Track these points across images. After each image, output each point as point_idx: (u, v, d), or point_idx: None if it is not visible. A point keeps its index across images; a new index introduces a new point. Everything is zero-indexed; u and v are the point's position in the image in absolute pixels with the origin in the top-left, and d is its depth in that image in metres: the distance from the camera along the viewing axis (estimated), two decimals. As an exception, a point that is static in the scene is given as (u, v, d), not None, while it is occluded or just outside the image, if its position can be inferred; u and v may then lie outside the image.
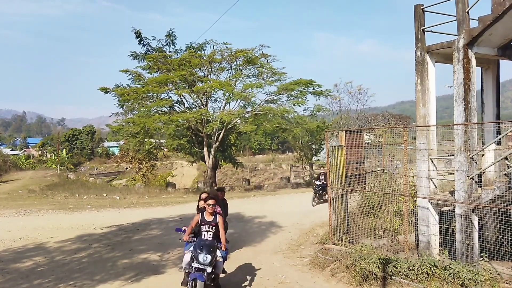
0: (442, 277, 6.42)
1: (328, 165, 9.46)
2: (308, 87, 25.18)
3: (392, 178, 10.62)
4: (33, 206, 19.20)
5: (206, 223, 6.59)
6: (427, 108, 8.10)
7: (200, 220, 6.62)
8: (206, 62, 25.07)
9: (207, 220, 6.61)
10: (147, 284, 7.52)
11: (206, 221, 6.61)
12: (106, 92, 26.00)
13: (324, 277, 7.58)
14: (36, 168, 49.42)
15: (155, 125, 22.85)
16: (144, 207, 18.52)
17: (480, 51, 7.38)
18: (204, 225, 6.58)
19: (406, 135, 8.12)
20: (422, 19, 8.13)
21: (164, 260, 9.09)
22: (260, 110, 25.09)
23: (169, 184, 30.75)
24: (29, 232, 12.41)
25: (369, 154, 12.01)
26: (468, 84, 7.16)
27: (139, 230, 12.61)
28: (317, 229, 11.62)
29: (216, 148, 25.88)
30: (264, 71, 25.53)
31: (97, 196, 24.29)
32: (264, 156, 53.64)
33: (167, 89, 24.66)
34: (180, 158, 42.84)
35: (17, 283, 7.65)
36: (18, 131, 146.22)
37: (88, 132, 65.92)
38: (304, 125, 26.59)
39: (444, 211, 8.02)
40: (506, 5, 6.49)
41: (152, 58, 25.23)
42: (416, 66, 8.23)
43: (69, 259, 9.31)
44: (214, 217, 6.63)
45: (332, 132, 16.05)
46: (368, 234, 9.31)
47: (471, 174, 7.00)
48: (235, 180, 41.47)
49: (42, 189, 28.46)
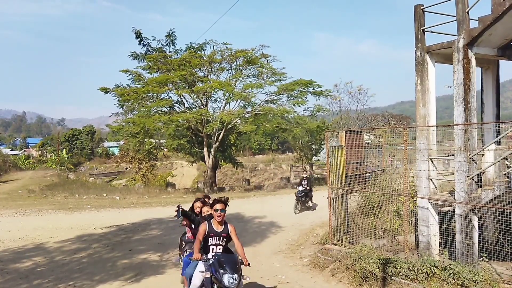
0: (442, 277, 6.42)
1: (328, 165, 9.46)
2: (308, 87, 25.21)
3: (392, 178, 10.62)
4: (32, 206, 19.19)
5: (215, 234, 5.26)
6: (427, 108, 8.10)
7: (207, 231, 5.25)
8: (206, 62, 25.09)
9: (216, 231, 5.27)
10: (146, 284, 7.51)
11: (215, 232, 5.26)
12: (106, 92, 26.02)
13: (324, 277, 7.57)
14: (36, 168, 49.42)
15: (155, 125, 22.87)
16: (144, 207, 18.50)
17: (480, 51, 7.37)
18: (213, 237, 5.26)
19: (406, 135, 8.12)
20: (422, 19, 8.13)
21: (164, 260, 9.09)
22: (260, 110, 25.11)
23: (169, 184, 30.74)
24: (28, 232, 12.40)
25: (369, 155, 12.00)
26: (468, 84, 7.16)
27: (139, 230, 12.60)
28: (317, 229, 11.62)
29: (216, 148, 25.89)
30: (264, 71, 25.56)
31: (97, 196, 24.27)
32: (264, 156, 53.64)
33: (167, 89, 24.68)
34: (180, 158, 42.83)
35: (16, 283, 7.64)
36: (18, 131, 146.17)
37: (88, 132, 65.92)
38: (304, 125, 26.62)
39: (444, 211, 8.01)
40: (506, 5, 6.49)
41: (152, 58, 25.25)
42: (416, 66, 8.23)
43: (68, 259, 9.31)
44: (224, 226, 5.32)
45: (332, 132, 16.04)
46: (368, 234, 9.31)
47: (471, 174, 7.00)
48: (235, 180, 41.47)
49: (42, 189, 28.45)
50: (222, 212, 5.23)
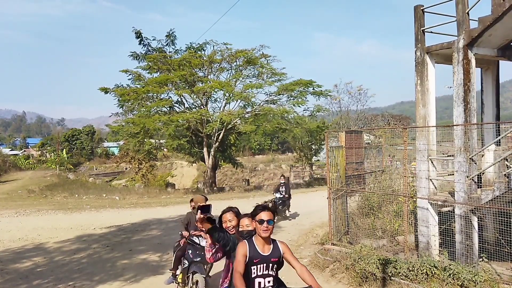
0: (441, 278, 6.41)
1: (328, 165, 9.46)
2: (308, 87, 25.24)
3: (391, 179, 10.62)
4: (32, 206, 19.19)
5: (261, 260, 3.46)
6: (426, 108, 8.10)
7: (248, 255, 3.41)
8: (206, 63, 25.10)
9: (262, 254, 3.46)
10: (146, 284, 7.51)
11: (261, 257, 3.45)
12: (106, 92, 26.03)
13: (323, 277, 7.57)
14: (36, 168, 49.39)
15: (155, 125, 22.88)
16: (144, 207, 18.51)
17: (480, 52, 7.37)
18: (258, 264, 3.46)
19: (406, 136, 8.11)
20: (422, 19, 8.13)
21: (164, 260, 9.07)
22: (260, 111, 25.12)
23: (168, 185, 30.74)
24: (28, 232, 12.40)
25: (369, 155, 11.99)
26: (468, 85, 7.16)
27: (138, 230, 12.60)
28: (317, 230, 11.62)
29: (216, 148, 25.90)
30: (264, 71, 25.59)
31: (97, 196, 24.28)
32: (264, 157, 53.63)
33: (167, 89, 24.69)
34: (180, 159, 42.81)
35: (16, 283, 7.64)
36: (17, 131, 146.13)
37: (88, 132, 65.85)
38: (304, 126, 26.64)
39: (444, 211, 8.01)
40: (506, 5, 6.49)
41: (152, 58, 25.26)
42: (416, 66, 8.23)
43: (68, 259, 9.30)
44: (273, 246, 3.53)
45: (332, 133, 16.02)
46: (367, 234, 9.31)
47: (471, 174, 7.00)
48: (234, 180, 41.46)
49: (42, 189, 28.46)
50: (269, 225, 3.40)
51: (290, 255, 3.55)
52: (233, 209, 4.17)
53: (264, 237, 3.43)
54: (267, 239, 3.46)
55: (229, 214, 4.12)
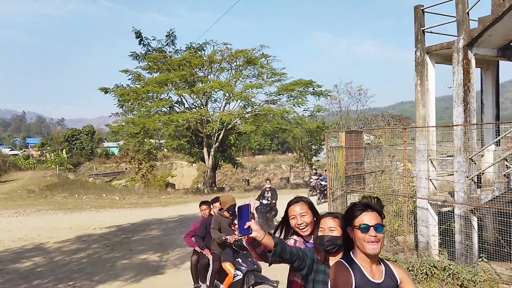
0: (441, 277, 6.42)
1: (328, 165, 9.47)
2: (308, 87, 25.24)
3: (391, 179, 10.62)
4: (32, 206, 19.19)
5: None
6: (426, 108, 8.10)
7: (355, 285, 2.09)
8: (206, 63, 25.11)
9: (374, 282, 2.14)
10: (146, 284, 7.50)
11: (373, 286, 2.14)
12: (106, 92, 26.04)
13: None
14: (36, 168, 49.35)
15: (155, 125, 22.89)
16: (144, 207, 18.51)
17: (479, 52, 7.38)
18: None
19: (406, 136, 8.12)
20: (422, 20, 8.13)
21: (164, 260, 9.08)
22: (260, 111, 25.13)
23: (168, 185, 30.73)
24: (28, 232, 12.40)
25: (369, 155, 12.00)
26: (468, 85, 7.16)
27: (138, 230, 12.60)
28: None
29: (216, 148, 25.90)
30: (264, 71, 25.60)
31: (97, 196, 24.28)
32: (264, 157, 53.60)
33: (167, 89, 24.70)
34: (180, 159, 42.81)
35: (16, 283, 7.63)
36: (17, 131, 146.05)
37: (88, 132, 65.84)
38: (304, 126, 26.65)
39: (444, 211, 8.01)
40: (506, 6, 6.49)
41: (152, 58, 25.27)
42: (416, 67, 8.24)
43: (68, 259, 9.30)
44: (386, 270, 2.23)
45: (332, 133, 16.04)
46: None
47: (471, 175, 7.00)
48: (234, 180, 41.46)
49: (42, 189, 28.45)
50: (379, 233, 2.14)
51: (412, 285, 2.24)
52: (304, 200, 2.83)
53: (372, 254, 2.15)
54: (375, 257, 2.19)
55: (300, 206, 2.78)
